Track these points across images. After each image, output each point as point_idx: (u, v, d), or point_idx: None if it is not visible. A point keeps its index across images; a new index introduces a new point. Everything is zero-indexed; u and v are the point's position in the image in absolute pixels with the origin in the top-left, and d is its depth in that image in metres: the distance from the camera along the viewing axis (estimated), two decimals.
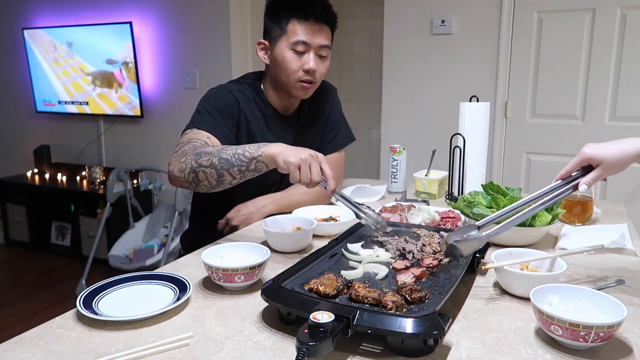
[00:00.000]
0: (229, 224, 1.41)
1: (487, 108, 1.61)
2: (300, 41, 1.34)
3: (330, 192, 1.09)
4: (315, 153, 1.09)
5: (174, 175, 1.22)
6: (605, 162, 0.91)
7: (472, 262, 0.99)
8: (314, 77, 1.39)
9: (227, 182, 1.17)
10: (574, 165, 0.95)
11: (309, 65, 1.36)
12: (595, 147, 0.92)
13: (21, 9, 3.94)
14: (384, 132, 3.26)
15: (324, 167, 1.09)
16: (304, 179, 1.07)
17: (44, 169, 4.01)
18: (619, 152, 0.90)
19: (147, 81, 3.58)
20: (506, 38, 2.85)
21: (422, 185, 1.68)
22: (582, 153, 0.93)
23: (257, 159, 1.13)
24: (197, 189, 1.20)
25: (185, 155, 1.21)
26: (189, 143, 1.25)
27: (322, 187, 1.10)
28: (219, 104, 1.38)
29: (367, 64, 3.73)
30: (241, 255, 1.01)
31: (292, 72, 1.37)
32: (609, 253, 1.14)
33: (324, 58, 1.40)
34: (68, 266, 3.56)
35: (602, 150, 0.91)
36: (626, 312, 0.72)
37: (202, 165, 1.16)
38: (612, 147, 0.91)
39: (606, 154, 0.91)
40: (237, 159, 1.14)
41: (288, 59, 1.36)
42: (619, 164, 0.91)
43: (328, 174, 1.09)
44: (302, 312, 0.75)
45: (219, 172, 1.15)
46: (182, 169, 1.19)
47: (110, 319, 0.81)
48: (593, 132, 2.74)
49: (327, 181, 1.09)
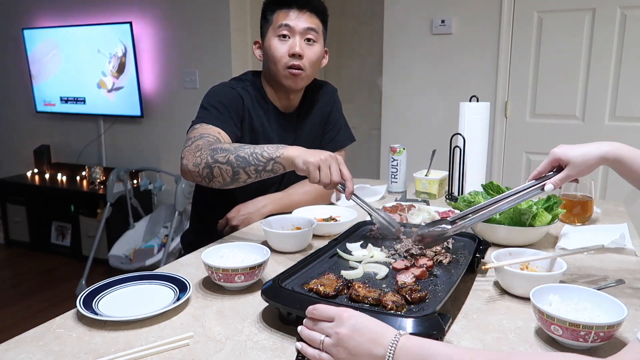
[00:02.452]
0: (229, 224, 1.41)
1: (487, 108, 1.61)
2: (283, 24, 1.36)
3: (349, 194, 1.10)
4: (334, 155, 1.11)
5: (188, 169, 1.21)
6: (571, 163, 0.93)
7: (472, 262, 0.99)
8: (301, 62, 1.38)
9: (242, 180, 1.17)
10: (545, 166, 0.98)
11: (295, 50, 1.36)
12: (564, 148, 0.95)
13: (21, 9, 3.95)
14: (384, 132, 3.25)
15: (342, 169, 1.10)
16: (324, 179, 1.08)
17: (44, 169, 4.01)
18: (584, 154, 0.92)
19: (147, 81, 3.58)
20: (506, 38, 2.85)
21: (422, 185, 1.68)
22: (552, 153, 0.96)
23: (275, 160, 1.13)
24: (209, 185, 1.21)
25: (200, 150, 1.20)
26: (201, 138, 1.25)
27: (341, 188, 1.11)
28: (225, 100, 1.38)
29: (367, 63, 3.73)
30: (241, 255, 1.02)
31: (279, 58, 1.38)
32: (609, 253, 1.14)
33: (311, 42, 1.40)
34: (68, 266, 3.55)
35: (569, 151, 0.94)
36: (626, 312, 0.72)
37: (218, 162, 1.16)
38: (578, 149, 0.93)
39: (572, 156, 0.93)
40: (255, 158, 1.14)
41: (274, 45, 1.38)
42: (585, 165, 0.93)
43: (347, 175, 1.10)
44: (302, 312, 0.75)
45: (235, 170, 1.15)
46: (196, 163, 1.19)
47: (110, 319, 0.81)
48: (593, 132, 2.74)
49: (346, 182, 1.10)
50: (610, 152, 0.91)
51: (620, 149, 0.91)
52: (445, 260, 0.99)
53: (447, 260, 0.99)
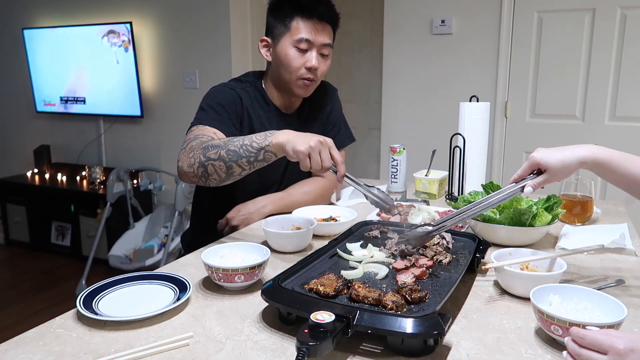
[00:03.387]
0: (229, 224, 1.41)
1: (487, 108, 1.61)
2: (304, 39, 1.36)
3: (341, 177, 1.12)
4: (324, 139, 1.11)
5: (184, 171, 1.22)
6: (549, 168, 0.95)
7: (472, 262, 0.99)
8: (315, 75, 1.40)
9: (237, 173, 1.18)
10: (525, 169, 0.99)
11: (312, 63, 1.37)
12: (543, 152, 0.96)
13: (21, 9, 3.95)
14: (384, 132, 3.26)
15: (333, 153, 1.11)
16: (315, 166, 1.09)
17: (44, 169, 4.01)
18: (562, 159, 0.94)
19: (147, 81, 3.58)
20: (506, 38, 2.85)
21: (422, 185, 1.68)
22: (531, 158, 0.97)
23: (265, 148, 1.14)
24: (207, 183, 1.21)
25: (193, 151, 1.21)
26: (196, 139, 1.26)
27: (333, 171, 1.12)
28: (223, 101, 1.38)
29: (367, 63, 3.73)
30: (241, 255, 1.01)
31: (295, 69, 1.38)
32: (609, 253, 1.14)
33: (325, 57, 1.42)
34: (68, 266, 3.55)
35: (548, 156, 0.95)
36: (626, 312, 0.72)
37: (210, 159, 1.16)
38: (556, 155, 0.94)
39: (550, 160, 0.94)
40: (245, 150, 1.14)
41: (291, 56, 1.37)
42: (563, 170, 0.94)
43: (338, 159, 1.11)
44: (302, 312, 0.75)
45: (228, 165, 1.16)
46: (190, 164, 1.20)
47: (110, 319, 0.81)
48: (593, 132, 2.74)
49: (338, 166, 1.11)
50: (589, 157, 0.93)
51: (597, 152, 0.92)
52: (445, 260, 0.99)
53: (447, 260, 0.99)
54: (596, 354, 0.61)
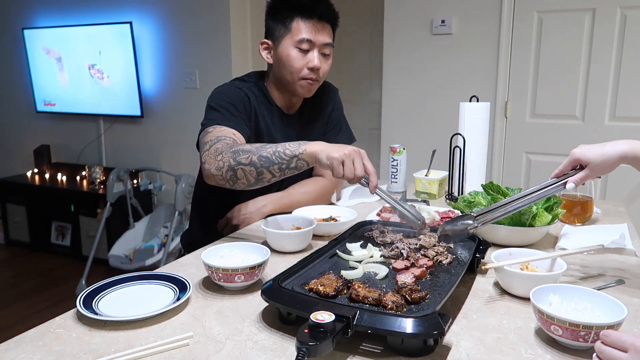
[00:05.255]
0: (229, 224, 1.41)
1: (487, 108, 1.61)
2: (305, 39, 1.36)
3: (373, 187, 1.11)
4: (358, 149, 1.12)
5: (211, 174, 1.22)
6: (591, 164, 0.96)
7: (472, 262, 0.99)
8: (317, 75, 1.41)
9: (266, 180, 1.18)
10: (566, 165, 1.01)
11: (314, 63, 1.37)
12: (584, 148, 0.97)
13: (21, 9, 3.94)
14: (384, 132, 3.26)
15: (366, 163, 1.11)
16: (348, 174, 1.09)
17: (44, 169, 4.01)
18: (603, 154, 0.95)
19: (147, 81, 3.58)
20: (506, 38, 2.85)
21: (422, 185, 1.68)
22: (572, 154, 0.99)
23: (299, 156, 1.14)
24: (234, 187, 1.21)
25: (221, 154, 1.20)
26: (219, 141, 1.25)
27: (364, 182, 1.11)
28: (233, 100, 1.38)
29: (367, 63, 3.73)
30: (241, 255, 1.02)
31: (297, 70, 1.38)
32: (609, 253, 1.14)
33: (327, 56, 1.42)
34: (68, 266, 3.56)
35: (589, 151, 0.96)
36: (626, 312, 0.72)
37: (241, 164, 1.17)
38: (597, 150, 0.96)
39: (592, 156, 0.96)
40: (278, 157, 1.15)
41: (293, 57, 1.37)
42: (604, 165, 0.95)
43: (370, 169, 1.11)
44: (302, 312, 0.75)
45: (259, 170, 1.16)
46: (219, 167, 1.19)
47: (110, 319, 0.81)
48: (593, 132, 2.74)
49: (370, 176, 1.11)
50: (629, 151, 0.93)
51: (637, 147, 0.93)
52: (445, 261, 0.99)
53: (447, 260, 0.99)
54: (618, 351, 0.63)
